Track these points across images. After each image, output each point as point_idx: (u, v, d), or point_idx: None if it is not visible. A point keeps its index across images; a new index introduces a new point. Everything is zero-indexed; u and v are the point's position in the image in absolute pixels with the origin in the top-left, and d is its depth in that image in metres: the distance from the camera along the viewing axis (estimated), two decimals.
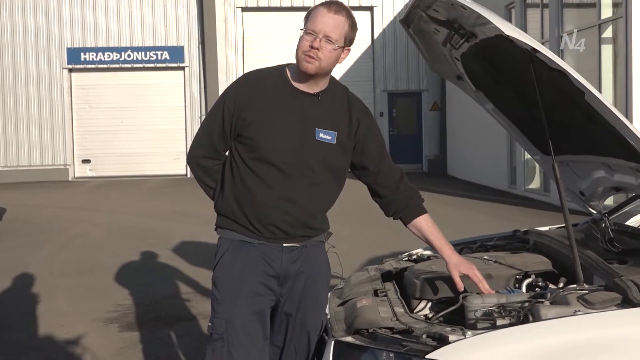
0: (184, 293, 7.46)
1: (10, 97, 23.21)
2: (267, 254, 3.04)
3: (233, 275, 3.04)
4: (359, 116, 3.17)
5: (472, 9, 3.01)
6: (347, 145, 3.12)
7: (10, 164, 23.19)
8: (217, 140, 3.10)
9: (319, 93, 3.08)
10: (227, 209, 3.09)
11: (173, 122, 23.38)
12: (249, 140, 3.02)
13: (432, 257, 3.98)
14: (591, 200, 4.22)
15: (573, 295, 2.82)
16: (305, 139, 3.03)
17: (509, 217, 12.50)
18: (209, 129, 3.13)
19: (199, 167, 3.17)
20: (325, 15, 2.96)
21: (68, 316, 6.76)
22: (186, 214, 13.11)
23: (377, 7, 23.96)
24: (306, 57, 2.95)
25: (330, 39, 2.95)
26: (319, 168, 3.06)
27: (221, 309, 3.03)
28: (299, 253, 3.10)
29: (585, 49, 13.54)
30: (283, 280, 3.08)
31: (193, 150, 3.20)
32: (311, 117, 3.05)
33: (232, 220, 3.07)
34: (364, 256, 8.30)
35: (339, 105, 3.14)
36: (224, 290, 3.04)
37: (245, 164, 3.03)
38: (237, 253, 3.05)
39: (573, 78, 2.86)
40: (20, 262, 9.21)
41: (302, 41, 2.97)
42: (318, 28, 2.95)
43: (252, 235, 3.04)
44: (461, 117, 20.84)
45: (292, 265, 3.08)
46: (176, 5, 23.65)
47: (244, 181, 3.03)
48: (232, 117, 3.04)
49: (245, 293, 3.01)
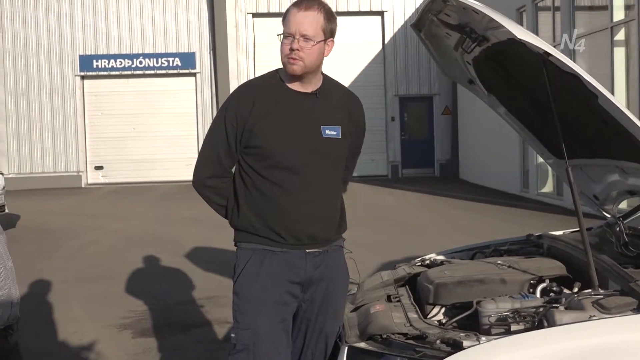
0: (196, 299, 7.46)
1: (23, 104, 23.35)
2: (291, 262, 3.02)
3: (257, 286, 3.00)
4: (357, 118, 3.23)
5: (484, 12, 3.00)
6: (349, 138, 3.16)
7: (23, 171, 23.32)
8: (224, 157, 3.07)
9: (316, 91, 3.08)
10: (246, 223, 3.06)
11: (185, 128, 23.45)
12: (258, 150, 3.00)
13: (445, 262, 3.97)
14: (605, 204, 4.19)
15: (588, 300, 2.81)
16: (313, 137, 3.03)
17: (522, 222, 12.44)
18: (213, 147, 3.09)
19: (207, 189, 3.13)
20: (297, 15, 2.96)
21: (81, 322, 6.77)
22: (198, 220, 13.11)
23: (387, 12, 23.94)
24: (289, 59, 2.97)
25: (307, 37, 2.95)
26: (329, 164, 3.08)
27: (246, 319, 3.01)
28: (322, 258, 3.09)
29: (597, 51, 13.48)
30: (307, 286, 3.07)
31: (198, 172, 3.14)
32: (314, 115, 3.06)
33: (252, 234, 3.05)
34: (377, 261, 8.28)
35: (338, 101, 3.16)
36: (247, 301, 3.01)
37: (258, 174, 3.01)
38: (259, 263, 3.02)
39: (586, 81, 2.84)
40: (33, 269, 9.23)
41: (283, 45, 2.99)
42: (292, 29, 2.95)
43: (275, 244, 3.02)
44: (473, 121, 20.79)
45: (316, 271, 3.07)
46: (187, 12, 23.73)
47: (261, 191, 3.01)
48: (235, 131, 3.01)
49: (270, 303, 2.99)
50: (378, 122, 23.66)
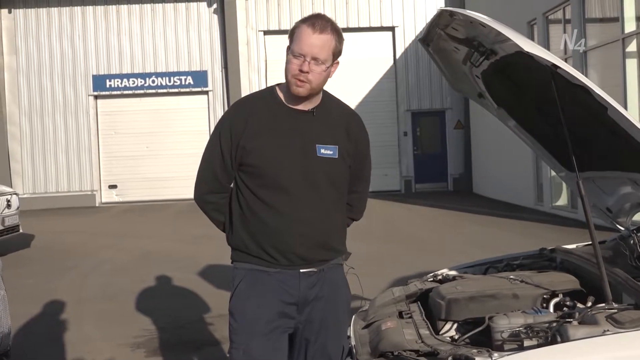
0: (209, 317, 7.44)
1: (37, 124, 23.53)
2: (284, 282, 2.98)
3: (250, 305, 2.99)
4: (356, 135, 3.13)
5: (491, 26, 2.99)
6: (347, 159, 3.07)
7: (38, 191, 23.45)
8: (220, 174, 3.04)
9: (313, 109, 3.02)
10: (239, 242, 3.04)
11: (198, 146, 23.35)
12: (251, 168, 2.97)
13: (458, 278, 3.94)
14: (618, 216, 4.16)
15: (602, 315, 2.77)
16: (307, 157, 2.97)
17: (536, 235, 12.37)
18: (210, 163, 3.07)
19: (207, 204, 3.13)
20: (311, 37, 2.88)
21: (95, 342, 6.77)
22: (210, 237, 13.08)
23: (398, 27, 23.99)
24: (297, 81, 2.90)
25: (318, 60, 2.89)
26: (324, 184, 3.01)
27: (239, 339, 2.99)
28: (317, 278, 3.03)
29: (609, 63, 13.43)
30: (301, 306, 3.03)
31: (198, 188, 3.13)
32: (309, 134, 3.00)
33: (246, 253, 3.02)
34: (389, 276, 8.23)
35: (336, 119, 3.09)
36: (240, 320, 3.00)
37: (252, 192, 2.98)
38: (253, 283, 3.00)
39: (595, 94, 2.82)
40: (47, 288, 9.26)
41: (290, 64, 2.91)
42: (305, 51, 2.88)
43: (268, 264, 2.99)
44: (486, 135, 20.74)
45: (311, 290, 3.02)
46: (199, 30, 23.89)
47: (253, 211, 2.98)
48: (230, 148, 2.98)
49: (262, 322, 2.96)
50: (390, 137, 23.67)
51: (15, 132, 23.40)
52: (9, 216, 12.26)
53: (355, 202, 3.27)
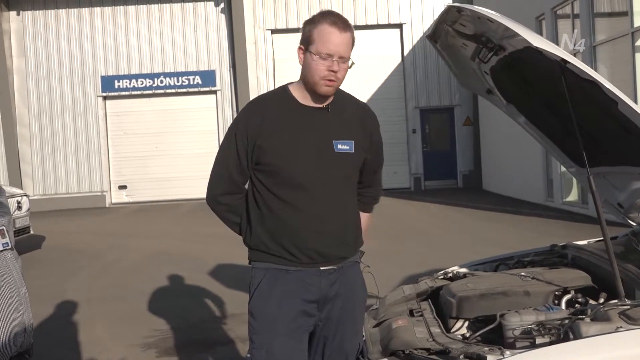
0: (220, 316, 7.45)
1: (47, 125, 23.61)
2: (305, 280, 2.98)
3: (271, 305, 2.97)
4: (371, 129, 3.16)
5: (499, 21, 2.97)
6: (363, 152, 3.08)
7: (48, 192, 23.53)
8: (235, 174, 3.03)
9: (327, 105, 3.02)
10: (258, 242, 3.03)
11: (206, 145, 23.54)
12: (268, 167, 2.96)
13: (468, 275, 3.92)
14: (630, 212, 4.12)
15: (614, 311, 2.75)
16: (325, 153, 2.97)
17: (546, 231, 12.32)
18: (225, 163, 3.05)
19: (220, 206, 3.11)
20: (338, 37, 2.88)
21: (106, 342, 6.78)
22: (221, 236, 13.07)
23: (406, 25, 23.94)
24: (327, 81, 2.90)
25: (344, 59, 2.91)
26: (341, 180, 3.02)
27: (260, 339, 2.98)
28: (337, 275, 3.03)
29: (618, 57, 13.36)
30: (322, 304, 3.02)
31: (211, 189, 3.11)
32: (325, 130, 3.00)
33: (266, 253, 3.01)
34: (399, 274, 8.22)
35: (351, 114, 3.10)
36: (262, 320, 2.98)
37: (269, 191, 2.97)
38: (273, 282, 2.99)
39: (605, 88, 2.80)
40: (58, 289, 9.29)
41: (318, 65, 2.89)
42: (333, 51, 2.88)
43: (288, 263, 2.98)
44: (495, 131, 20.68)
45: (331, 288, 3.02)
46: (207, 30, 23.91)
47: (272, 209, 2.97)
48: (246, 147, 2.98)
49: (285, 322, 2.95)
50: (399, 135, 23.63)
51: (25, 133, 23.49)
52: (19, 218, 12.30)
53: (372, 194, 3.31)
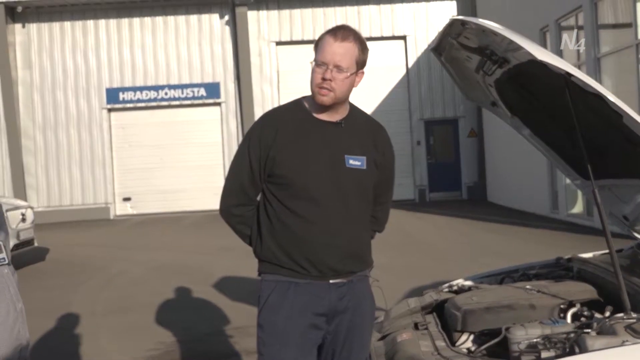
0: (226, 329, 7.43)
1: (51, 137, 23.66)
2: (315, 293, 2.98)
3: (280, 318, 2.97)
4: (384, 147, 3.16)
5: (503, 34, 2.97)
6: (375, 170, 3.09)
7: (52, 204, 23.56)
8: (248, 186, 3.05)
9: (341, 120, 3.04)
10: (269, 254, 3.03)
11: (211, 157, 23.59)
12: (281, 179, 2.97)
13: (473, 288, 3.91)
14: (636, 224, 4.11)
15: (620, 325, 2.74)
16: (337, 167, 2.98)
17: (551, 243, 12.29)
18: (238, 175, 3.08)
19: (233, 217, 3.12)
20: (333, 45, 2.91)
21: (110, 355, 6.77)
22: (226, 248, 13.13)
23: (410, 36, 24.00)
24: (320, 90, 2.93)
25: (341, 68, 2.91)
26: (353, 195, 3.02)
27: (270, 351, 2.97)
28: (346, 289, 3.03)
29: (623, 69, 13.36)
30: (331, 317, 3.02)
31: (225, 200, 3.13)
32: (338, 145, 3.01)
33: (277, 265, 3.00)
34: (404, 287, 8.20)
35: (363, 131, 3.11)
36: (271, 333, 2.98)
37: (281, 203, 2.98)
38: (283, 294, 2.99)
39: (609, 101, 2.80)
40: (62, 302, 9.28)
41: (314, 74, 2.94)
42: (327, 59, 2.91)
43: (298, 275, 2.97)
44: (499, 143, 20.67)
45: (340, 301, 3.02)
46: (211, 42, 23.98)
47: (283, 222, 2.98)
48: (259, 160, 2.99)
49: (294, 335, 2.95)
50: (404, 147, 23.61)
51: (29, 146, 23.55)
52: (24, 230, 12.31)
53: (380, 213, 3.29)
